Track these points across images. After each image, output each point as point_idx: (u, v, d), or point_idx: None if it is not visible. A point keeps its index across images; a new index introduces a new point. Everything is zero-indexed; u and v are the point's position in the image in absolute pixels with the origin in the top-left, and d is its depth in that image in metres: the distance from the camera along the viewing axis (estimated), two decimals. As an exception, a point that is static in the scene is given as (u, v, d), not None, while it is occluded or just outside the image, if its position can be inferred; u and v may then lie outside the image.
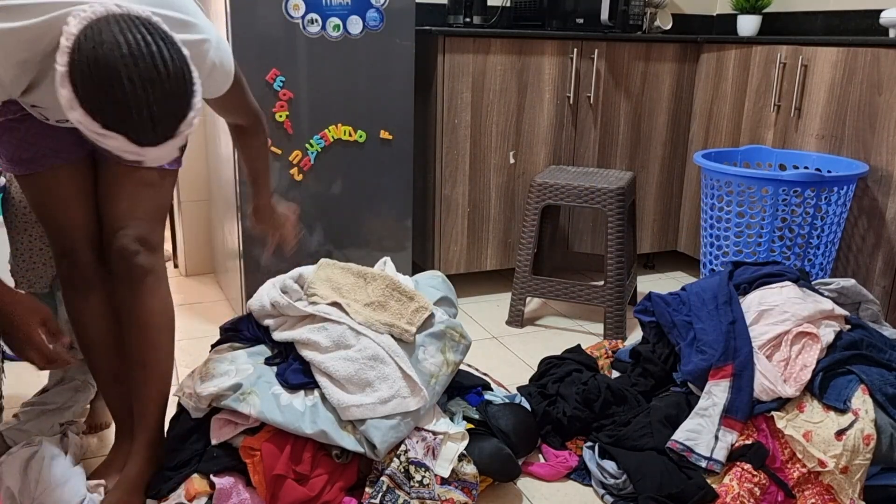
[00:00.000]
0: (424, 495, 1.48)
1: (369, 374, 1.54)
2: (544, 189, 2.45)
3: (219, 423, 1.51)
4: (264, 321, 1.70)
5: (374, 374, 1.55)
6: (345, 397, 1.51)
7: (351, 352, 1.57)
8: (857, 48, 2.33)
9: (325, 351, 1.58)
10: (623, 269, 2.42)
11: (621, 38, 2.76)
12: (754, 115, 2.72)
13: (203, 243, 2.99)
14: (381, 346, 1.59)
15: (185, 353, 2.25)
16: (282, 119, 2.30)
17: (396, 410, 1.52)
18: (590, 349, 2.11)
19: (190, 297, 2.74)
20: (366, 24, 2.33)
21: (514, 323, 2.57)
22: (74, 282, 1.49)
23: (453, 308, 1.83)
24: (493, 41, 2.60)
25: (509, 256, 2.85)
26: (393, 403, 1.52)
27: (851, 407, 1.56)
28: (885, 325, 1.89)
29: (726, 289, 1.80)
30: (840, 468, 1.52)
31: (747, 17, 3.14)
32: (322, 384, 1.54)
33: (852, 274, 2.42)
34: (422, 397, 1.56)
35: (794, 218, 2.24)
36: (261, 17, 2.20)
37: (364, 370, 1.54)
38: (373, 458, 1.50)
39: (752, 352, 1.67)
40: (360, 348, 1.57)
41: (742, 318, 1.72)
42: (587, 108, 2.80)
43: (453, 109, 2.61)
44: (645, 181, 2.99)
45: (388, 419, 1.51)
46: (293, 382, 1.55)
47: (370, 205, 2.50)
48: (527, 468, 1.71)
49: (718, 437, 1.61)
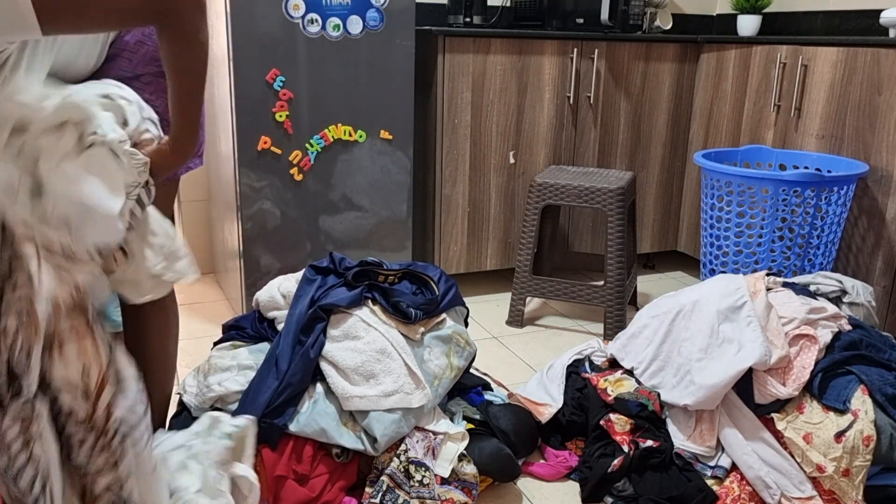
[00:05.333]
0: (424, 495, 1.48)
1: (375, 366, 1.56)
2: (544, 189, 2.45)
3: (219, 423, 1.52)
4: (270, 313, 1.70)
5: (380, 367, 1.56)
6: (349, 388, 1.53)
7: (359, 343, 1.59)
8: (857, 48, 2.33)
9: (333, 340, 1.59)
10: (623, 269, 2.42)
11: (621, 38, 2.76)
12: (754, 115, 2.72)
13: (203, 243, 2.99)
14: (389, 340, 1.60)
15: (186, 354, 2.25)
16: (282, 119, 2.30)
17: (399, 405, 1.53)
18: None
19: (190, 297, 2.74)
20: (366, 24, 2.33)
21: (514, 323, 2.57)
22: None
23: (463, 308, 1.83)
24: (493, 41, 2.60)
25: (509, 256, 2.85)
26: (396, 398, 1.53)
27: (851, 408, 1.56)
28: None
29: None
30: (841, 471, 1.52)
31: (747, 17, 3.14)
32: (327, 373, 1.56)
33: (852, 274, 2.42)
34: (425, 395, 1.56)
35: (794, 218, 2.24)
36: (261, 17, 2.20)
37: (370, 362, 1.56)
38: (372, 453, 1.50)
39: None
40: (368, 341, 1.59)
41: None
42: (587, 108, 2.80)
43: (453, 109, 2.61)
44: (645, 181, 2.99)
45: (391, 413, 1.52)
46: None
47: (370, 205, 2.50)
48: (527, 468, 1.72)
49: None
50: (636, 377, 1.79)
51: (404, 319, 1.65)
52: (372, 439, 1.51)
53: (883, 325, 2.33)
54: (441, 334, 1.69)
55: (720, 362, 1.62)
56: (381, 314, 1.65)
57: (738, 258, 2.35)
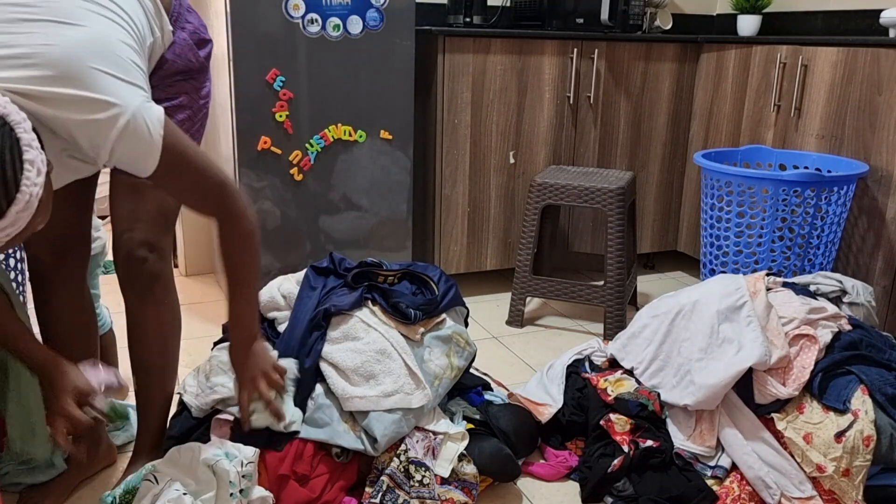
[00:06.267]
0: (424, 495, 1.48)
1: (375, 367, 1.56)
2: (544, 189, 2.45)
3: (219, 423, 1.52)
4: (270, 314, 1.71)
5: (380, 367, 1.56)
6: (349, 388, 1.53)
7: (359, 343, 1.59)
8: (857, 48, 2.33)
9: (333, 342, 1.59)
10: (623, 269, 2.42)
11: (621, 38, 2.76)
12: (754, 114, 2.72)
13: (203, 243, 2.99)
14: (389, 340, 1.60)
15: (186, 354, 2.24)
16: (282, 119, 2.31)
17: (399, 405, 1.53)
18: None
19: (190, 297, 2.74)
20: (366, 24, 2.33)
21: (514, 323, 2.57)
22: (33, 278, 1.49)
23: (463, 308, 1.83)
24: (493, 41, 2.60)
25: (509, 256, 2.85)
26: (396, 398, 1.53)
27: (851, 408, 1.56)
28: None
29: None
30: (841, 471, 1.52)
31: (747, 16, 3.14)
32: (327, 373, 1.56)
33: (852, 274, 2.42)
34: (425, 395, 1.56)
35: (794, 218, 2.24)
36: (261, 17, 2.20)
37: (370, 363, 1.56)
38: (372, 453, 1.50)
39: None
40: (368, 341, 1.59)
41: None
42: (587, 108, 2.80)
43: (453, 109, 2.61)
44: (645, 181, 2.99)
45: (391, 413, 1.52)
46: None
47: (370, 205, 2.50)
48: (527, 468, 1.72)
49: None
50: (636, 377, 1.79)
51: (404, 320, 1.65)
52: (372, 439, 1.51)
53: (883, 325, 2.33)
54: (441, 334, 1.69)
55: (720, 362, 1.62)
56: (380, 315, 1.65)
57: (738, 258, 2.35)
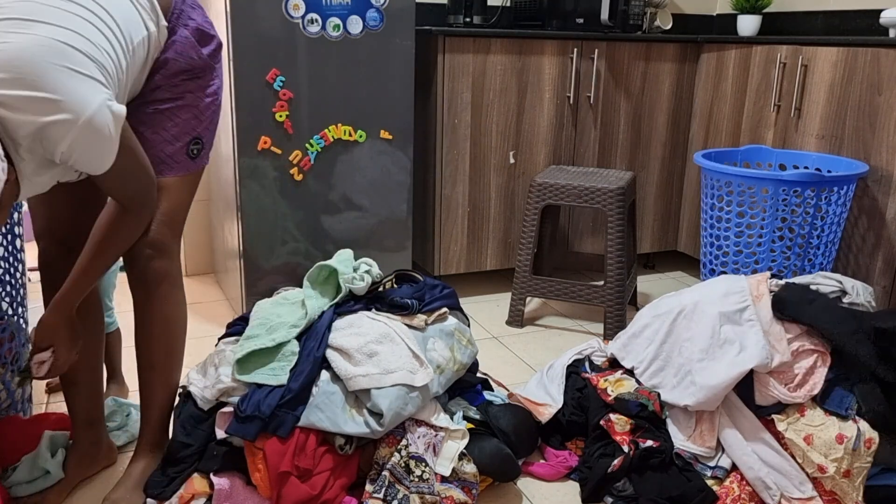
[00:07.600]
0: (424, 490, 1.48)
1: (377, 346, 1.59)
2: (544, 189, 2.45)
3: (224, 417, 1.52)
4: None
5: (382, 347, 1.59)
6: (351, 368, 1.55)
7: (362, 329, 1.62)
8: (857, 48, 2.33)
9: (337, 330, 1.63)
10: (623, 269, 2.42)
11: (621, 38, 2.76)
12: (754, 115, 2.72)
13: (203, 243, 2.99)
14: (392, 328, 1.64)
15: (186, 354, 2.23)
16: (282, 119, 2.30)
17: (402, 381, 1.55)
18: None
19: (190, 297, 2.74)
20: (366, 24, 2.33)
21: (514, 323, 2.57)
22: (43, 270, 1.50)
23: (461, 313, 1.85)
24: (493, 41, 2.60)
25: (509, 256, 2.85)
26: (399, 374, 1.55)
27: (853, 415, 1.56)
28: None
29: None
30: (842, 472, 1.52)
31: (747, 16, 3.14)
32: (330, 358, 1.57)
33: (852, 274, 2.42)
34: (427, 374, 1.59)
35: (794, 218, 2.24)
36: (261, 17, 2.20)
37: (372, 343, 1.59)
38: (378, 431, 1.50)
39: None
40: (371, 327, 1.63)
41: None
42: (587, 108, 2.80)
43: (453, 109, 2.61)
44: (645, 181, 2.99)
45: (395, 388, 1.54)
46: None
47: (370, 205, 2.50)
48: (527, 468, 1.72)
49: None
50: (636, 377, 1.79)
51: (403, 311, 1.70)
52: (377, 416, 1.51)
53: (883, 325, 2.33)
54: (445, 328, 1.73)
55: (721, 363, 1.62)
56: (384, 312, 1.71)
57: (738, 258, 2.35)
